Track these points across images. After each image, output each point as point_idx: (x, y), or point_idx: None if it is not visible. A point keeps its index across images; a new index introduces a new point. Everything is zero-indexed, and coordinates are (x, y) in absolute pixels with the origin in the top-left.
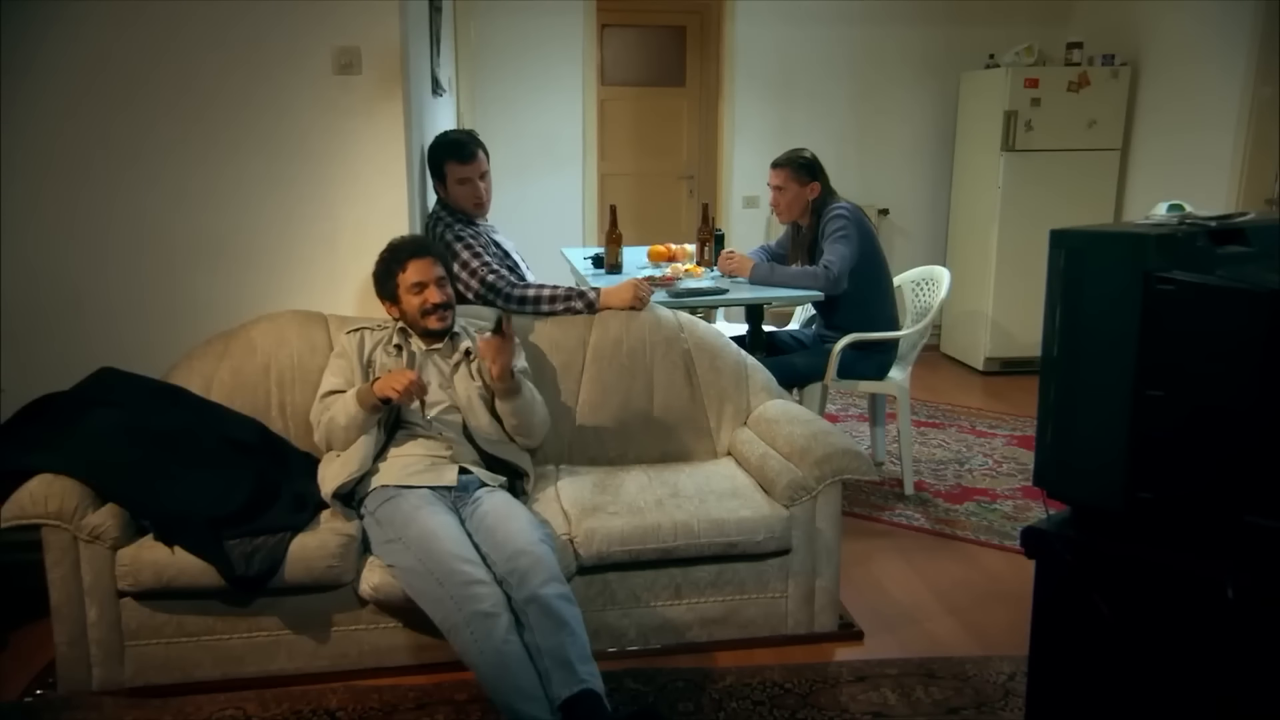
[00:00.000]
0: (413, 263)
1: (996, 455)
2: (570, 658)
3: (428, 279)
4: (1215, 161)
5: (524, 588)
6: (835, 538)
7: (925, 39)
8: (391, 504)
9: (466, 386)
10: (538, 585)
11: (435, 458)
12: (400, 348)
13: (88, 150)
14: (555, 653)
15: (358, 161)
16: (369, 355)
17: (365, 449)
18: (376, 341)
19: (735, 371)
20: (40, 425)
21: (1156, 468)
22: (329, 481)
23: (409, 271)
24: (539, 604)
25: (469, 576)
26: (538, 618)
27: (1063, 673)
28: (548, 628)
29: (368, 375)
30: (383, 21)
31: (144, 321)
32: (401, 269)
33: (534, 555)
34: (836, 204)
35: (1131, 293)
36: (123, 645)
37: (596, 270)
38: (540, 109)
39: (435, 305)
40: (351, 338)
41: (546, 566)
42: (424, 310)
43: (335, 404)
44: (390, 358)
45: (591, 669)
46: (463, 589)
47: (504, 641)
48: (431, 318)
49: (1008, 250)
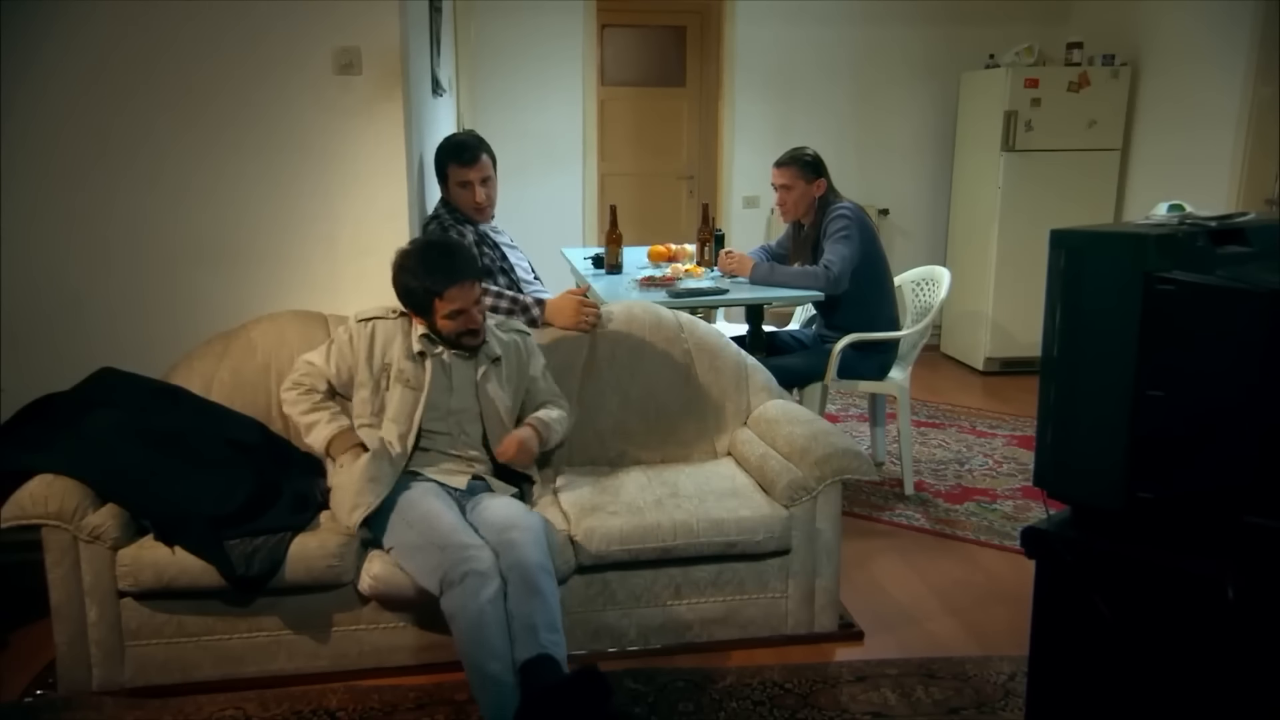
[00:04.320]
0: (453, 290)
1: (996, 455)
2: (537, 624)
3: (468, 304)
4: (1215, 161)
5: (511, 553)
6: (835, 538)
7: (925, 39)
8: (397, 491)
9: (497, 395)
10: (524, 553)
11: (454, 463)
12: (424, 355)
13: (88, 150)
14: (525, 619)
15: (358, 161)
16: (384, 356)
17: (388, 481)
18: (390, 338)
19: (735, 371)
20: (40, 425)
21: (1156, 468)
22: (351, 513)
23: (448, 298)
24: (520, 570)
25: (468, 542)
26: (516, 583)
27: (1063, 673)
28: (522, 594)
29: (381, 375)
30: (383, 21)
31: (144, 321)
32: (440, 296)
33: (525, 527)
34: (839, 204)
35: (1132, 293)
36: (123, 645)
37: (597, 270)
38: (540, 109)
39: (474, 330)
40: (362, 329)
41: (535, 539)
42: (460, 334)
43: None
44: (411, 364)
45: (556, 638)
46: (461, 550)
47: (488, 602)
48: (466, 336)
49: (1008, 250)
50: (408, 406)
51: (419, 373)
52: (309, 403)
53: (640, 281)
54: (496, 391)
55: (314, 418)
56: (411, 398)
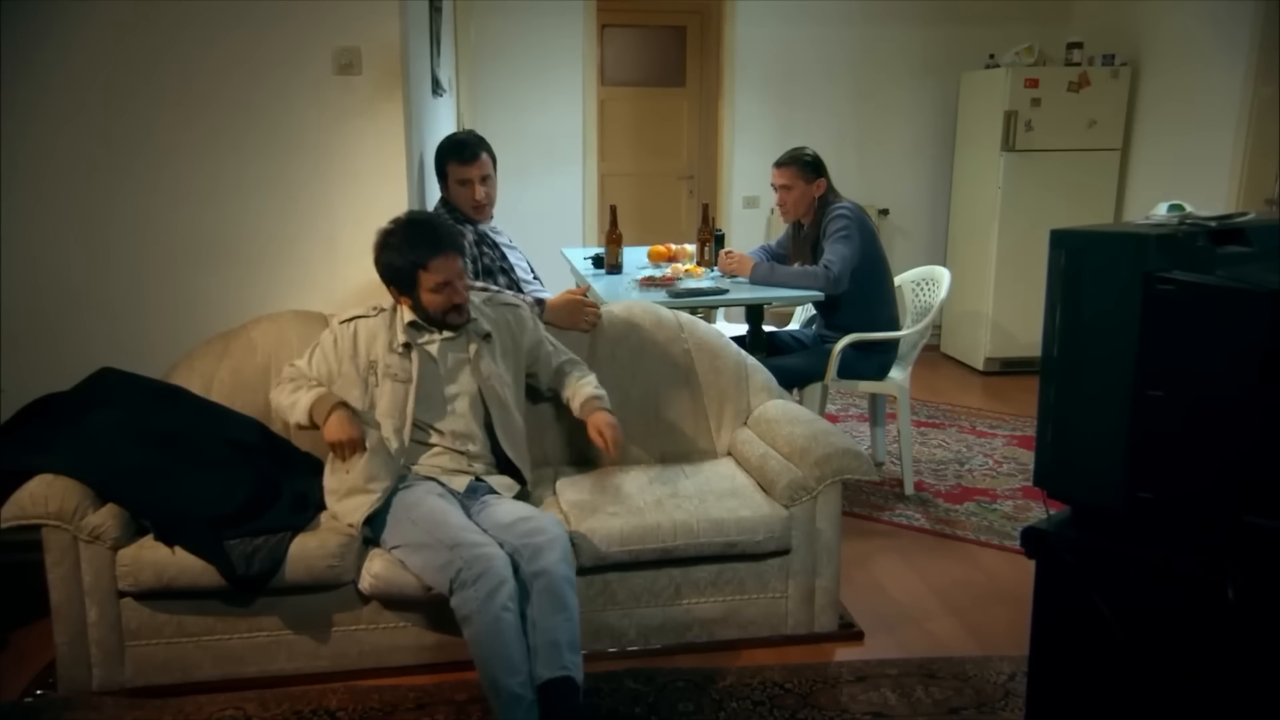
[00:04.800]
0: (437, 261)
1: (997, 455)
2: (560, 641)
3: (453, 276)
4: (1215, 161)
5: (537, 561)
6: (835, 538)
7: (925, 39)
8: (401, 490)
9: (493, 372)
10: (551, 561)
11: (452, 459)
12: (409, 346)
13: (88, 150)
14: (549, 633)
15: (358, 161)
16: (368, 354)
17: (388, 478)
18: (374, 335)
19: (735, 371)
20: (40, 425)
21: (1157, 468)
22: (354, 512)
23: (433, 270)
24: (547, 579)
25: (479, 541)
26: (542, 593)
27: (1063, 673)
28: (548, 607)
29: (367, 373)
30: (383, 21)
31: (144, 321)
32: (425, 267)
33: (552, 534)
34: (839, 203)
35: (1132, 293)
36: (123, 645)
37: (597, 270)
38: (540, 109)
39: (459, 305)
40: (345, 329)
41: (562, 547)
42: (446, 309)
43: (290, 395)
44: (397, 357)
45: (577, 659)
46: (472, 550)
47: (503, 609)
48: (453, 313)
49: (1008, 250)
50: (399, 400)
51: (406, 365)
52: (289, 389)
53: (640, 281)
54: (492, 368)
55: (294, 398)
56: (401, 391)
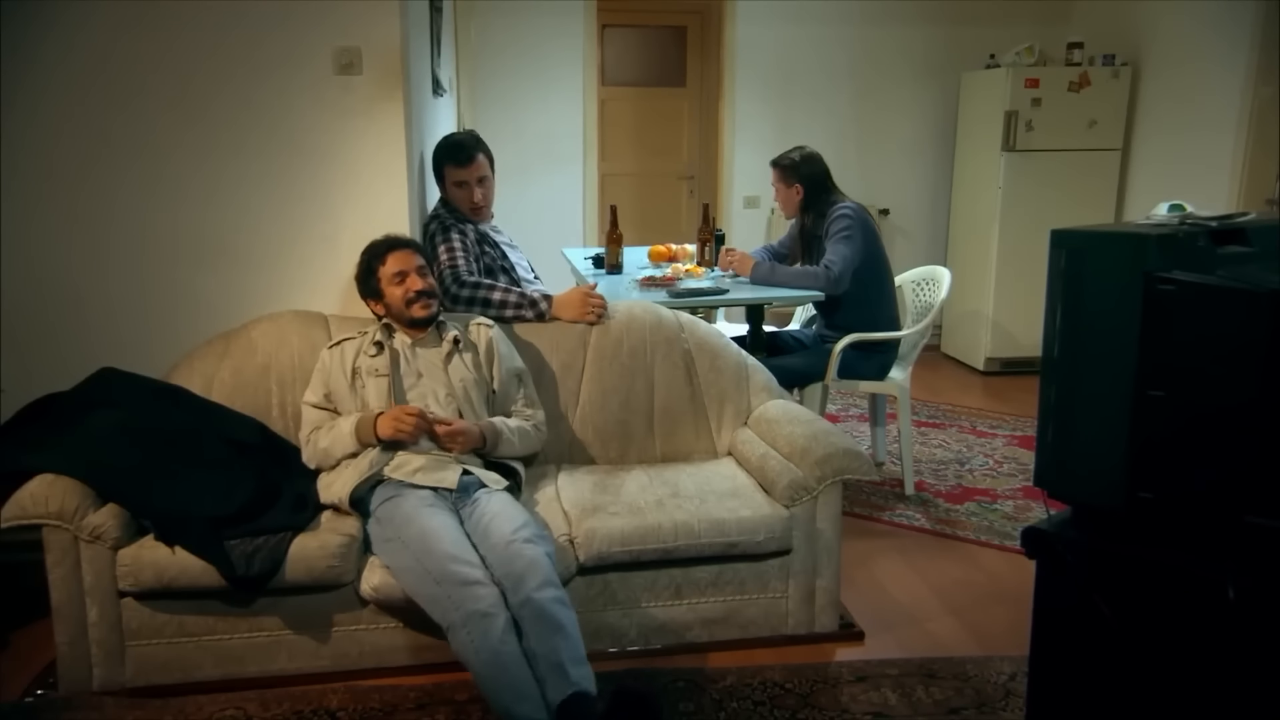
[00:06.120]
0: (391, 255)
1: (997, 455)
2: (563, 660)
3: (408, 268)
4: (1215, 161)
5: (519, 591)
6: (836, 538)
7: (925, 39)
8: (392, 503)
9: (462, 376)
10: (532, 589)
11: (438, 456)
12: (381, 345)
13: (88, 150)
14: (549, 657)
15: (358, 162)
16: (353, 364)
17: (374, 452)
18: (358, 349)
19: (736, 371)
20: (41, 425)
21: (1157, 468)
22: (342, 486)
23: (389, 264)
24: (533, 607)
25: (466, 577)
26: (532, 622)
27: (1063, 673)
28: (542, 632)
29: (354, 379)
30: (383, 21)
31: (144, 321)
32: (381, 262)
33: (528, 559)
34: (841, 203)
35: (1132, 293)
36: (123, 645)
37: (597, 270)
38: (540, 109)
39: (419, 293)
40: (333, 354)
41: (541, 570)
42: (408, 299)
43: (328, 435)
44: (371, 358)
45: (584, 670)
46: (459, 589)
47: (500, 642)
48: (416, 305)
49: (1008, 250)
50: (382, 392)
51: (382, 360)
52: (323, 434)
53: (641, 281)
54: (462, 370)
55: (331, 436)
56: (384, 384)
